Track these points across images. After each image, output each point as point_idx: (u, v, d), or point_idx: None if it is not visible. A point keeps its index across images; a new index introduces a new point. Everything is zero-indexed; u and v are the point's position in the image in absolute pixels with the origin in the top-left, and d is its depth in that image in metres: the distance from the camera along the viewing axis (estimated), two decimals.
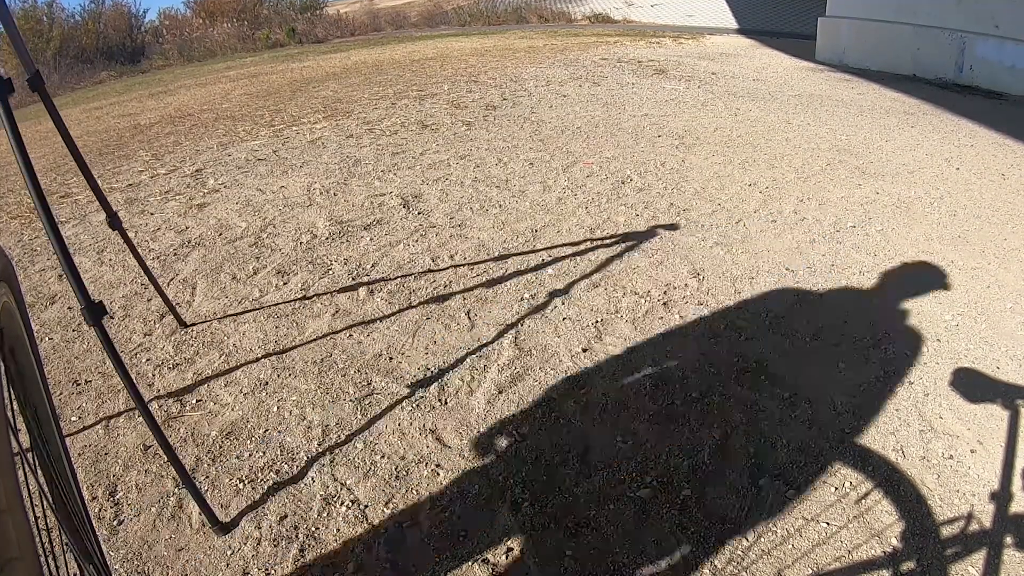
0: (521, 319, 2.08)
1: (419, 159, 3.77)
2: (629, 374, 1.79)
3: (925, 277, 2.27)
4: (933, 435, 1.53)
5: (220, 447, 1.59)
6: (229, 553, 1.30)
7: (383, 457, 1.53)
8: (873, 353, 1.85)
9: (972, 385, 1.70)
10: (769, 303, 2.12)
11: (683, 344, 1.92)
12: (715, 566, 1.22)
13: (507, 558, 1.25)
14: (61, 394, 1.84)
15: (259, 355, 1.96)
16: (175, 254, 2.71)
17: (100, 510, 1.42)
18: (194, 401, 1.78)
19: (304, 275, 2.44)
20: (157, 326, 2.16)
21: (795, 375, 1.76)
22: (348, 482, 1.46)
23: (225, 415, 1.70)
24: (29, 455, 0.79)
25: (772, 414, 1.61)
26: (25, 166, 1.13)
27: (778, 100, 5.04)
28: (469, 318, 2.10)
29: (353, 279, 2.40)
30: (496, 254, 2.53)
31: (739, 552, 1.24)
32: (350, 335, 2.04)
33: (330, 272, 2.46)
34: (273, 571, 1.25)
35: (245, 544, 1.31)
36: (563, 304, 2.15)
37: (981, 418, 1.58)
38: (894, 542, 1.25)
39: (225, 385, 1.83)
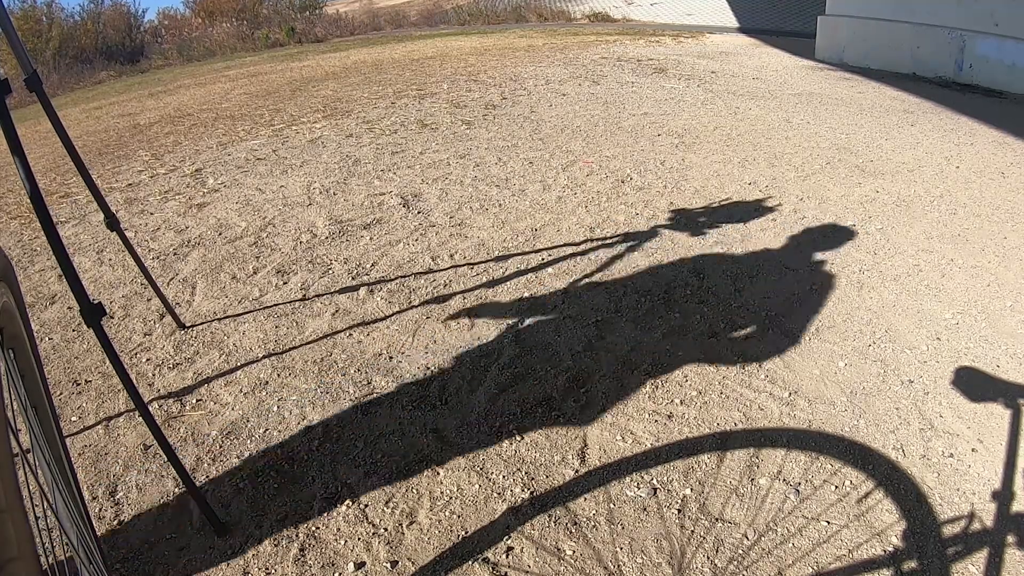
0: (522, 318, 2.07)
1: (419, 158, 3.77)
2: (630, 373, 1.79)
3: (925, 275, 2.27)
4: (933, 434, 1.53)
5: (220, 447, 1.59)
6: (229, 553, 1.30)
7: (383, 456, 1.53)
8: (873, 351, 1.85)
9: (972, 383, 1.70)
10: (769, 301, 2.12)
11: (684, 343, 1.92)
12: (716, 566, 1.22)
13: (507, 557, 1.25)
14: (61, 394, 1.83)
15: (259, 355, 1.96)
16: (175, 254, 2.71)
17: (100, 510, 1.42)
18: (194, 401, 1.77)
19: (304, 275, 2.44)
20: (157, 326, 2.16)
21: (795, 374, 1.76)
22: (348, 481, 1.46)
23: (225, 415, 1.70)
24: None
25: (772, 413, 1.61)
26: (23, 167, 1.13)
27: (778, 99, 5.04)
28: (469, 317, 2.10)
29: (353, 278, 2.39)
30: (496, 253, 2.53)
31: (739, 552, 1.24)
32: (350, 334, 2.04)
33: (330, 271, 2.46)
34: (273, 571, 1.25)
35: (245, 544, 1.31)
36: (564, 303, 2.15)
37: (981, 416, 1.58)
38: (895, 541, 1.25)
39: (225, 385, 1.83)
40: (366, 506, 1.39)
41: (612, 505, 1.36)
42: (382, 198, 3.17)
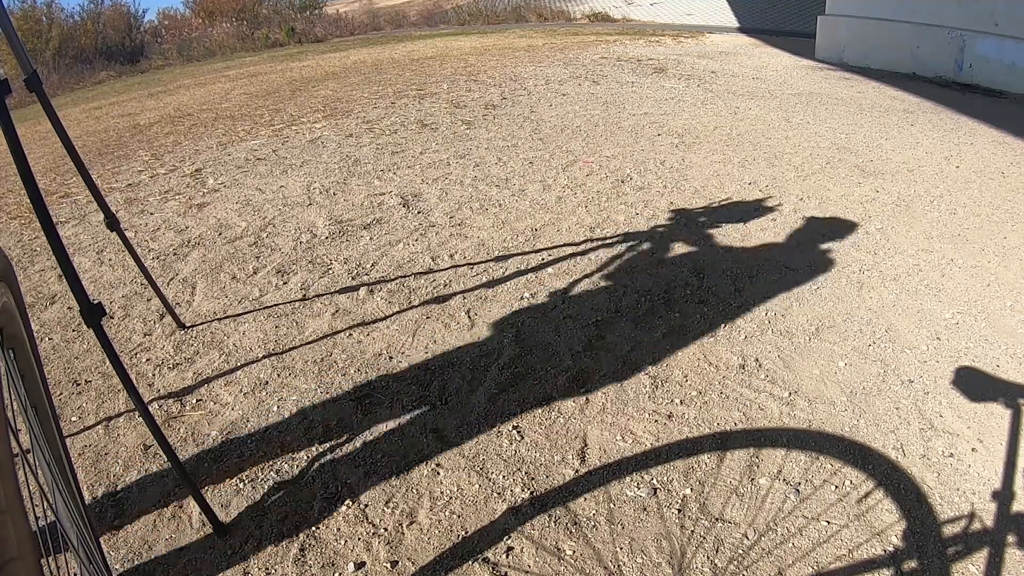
0: (521, 318, 2.07)
1: (419, 158, 3.77)
2: (630, 373, 1.79)
3: (925, 275, 2.27)
4: (933, 433, 1.53)
5: (220, 447, 1.59)
6: (230, 553, 1.30)
7: (383, 456, 1.53)
8: (872, 351, 1.85)
9: (972, 383, 1.70)
10: (769, 301, 2.12)
11: (684, 343, 1.92)
12: (716, 566, 1.22)
13: (507, 557, 1.25)
14: (61, 394, 1.83)
15: (259, 355, 1.96)
16: (175, 254, 2.71)
17: (100, 510, 1.42)
18: (194, 401, 1.77)
19: (304, 275, 2.44)
20: (157, 326, 2.16)
21: (795, 374, 1.76)
22: (348, 481, 1.46)
23: (225, 415, 1.70)
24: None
25: (772, 413, 1.61)
26: (22, 168, 1.13)
27: (778, 98, 5.04)
28: (469, 317, 2.10)
29: (353, 278, 2.39)
30: (496, 253, 2.53)
31: (740, 552, 1.24)
32: (350, 334, 2.04)
33: (330, 272, 2.46)
34: (273, 571, 1.25)
35: (245, 544, 1.31)
36: (564, 303, 2.15)
37: (981, 416, 1.58)
38: (895, 541, 1.25)
39: (225, 385, 1.83)
40: (366, 506, 1.39)
41: (612, 505, 1.36)
42: (382, 198, 3.17)
